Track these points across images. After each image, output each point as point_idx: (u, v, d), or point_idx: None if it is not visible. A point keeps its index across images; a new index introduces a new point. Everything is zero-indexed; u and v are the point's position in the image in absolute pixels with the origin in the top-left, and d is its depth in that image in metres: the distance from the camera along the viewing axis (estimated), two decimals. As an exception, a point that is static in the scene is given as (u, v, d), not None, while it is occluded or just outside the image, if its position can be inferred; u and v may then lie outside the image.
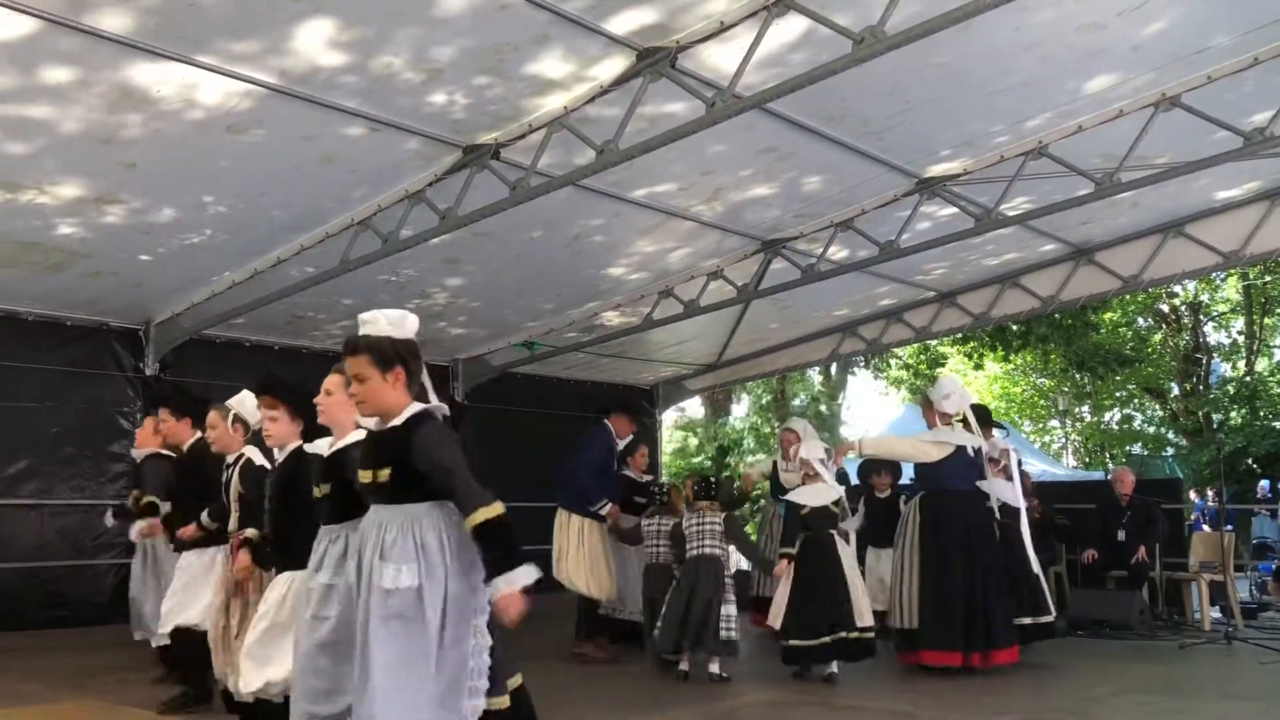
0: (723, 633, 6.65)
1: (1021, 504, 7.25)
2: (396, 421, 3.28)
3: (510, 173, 6.81)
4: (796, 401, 25.05)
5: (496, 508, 3.14)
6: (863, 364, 24.39)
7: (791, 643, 6.66)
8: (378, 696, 3.03)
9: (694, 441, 25.46)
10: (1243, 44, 6.55)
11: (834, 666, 6.66)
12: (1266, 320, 25.85)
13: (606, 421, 8.06)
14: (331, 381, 3.91)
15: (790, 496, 7.08)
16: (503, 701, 3.49)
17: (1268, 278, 23.15)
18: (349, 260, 7.85)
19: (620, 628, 7.96)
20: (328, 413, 3.92)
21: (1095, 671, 7.09)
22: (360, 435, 3.70)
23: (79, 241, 7.75)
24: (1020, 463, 8.23)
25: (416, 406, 3.31)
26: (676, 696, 6.24)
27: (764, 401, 24.81)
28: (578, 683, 6.69)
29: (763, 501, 10.39)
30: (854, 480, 9.08)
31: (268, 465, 4.89)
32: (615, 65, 6.04)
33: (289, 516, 4.23)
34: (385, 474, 3.25)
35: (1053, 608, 7.69)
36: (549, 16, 5.46)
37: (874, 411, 27.69)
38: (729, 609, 6.73)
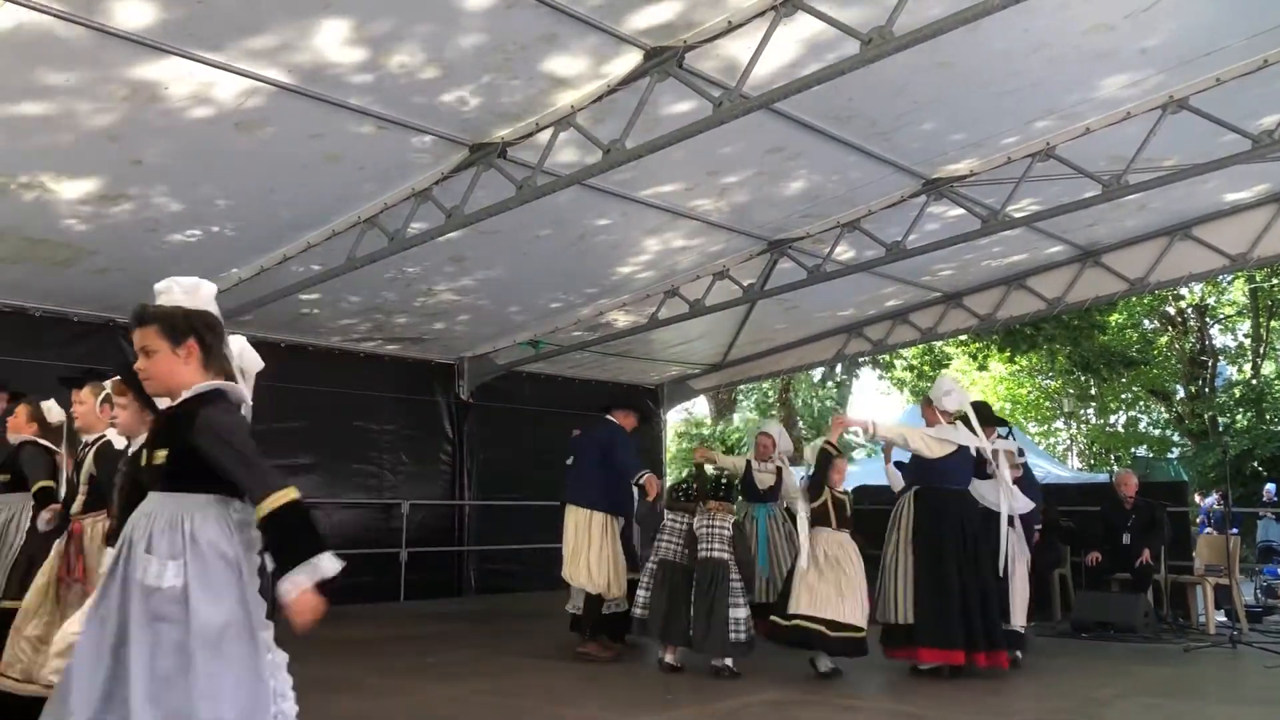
0: (732, 635, 6.71)
1: (1004, 509, 7.21)
2: (185, 396, 2.92)
3: (517, 171, 6.82)
4: (800, 404, 25.04)
5: (289, 493, 2.75)
6: (869, 364, 24.40)
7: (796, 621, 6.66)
8: (132, 711, 2.64)
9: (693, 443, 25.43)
10: (1251, 46, 6.53)
11: (829, 662, 6.72)
12: (1273, 323, 25.82)
13: (610, 418, 8.06)
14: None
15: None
16: None
17: (1275, 280, 23.12)
18: (355, 258, 7.86)
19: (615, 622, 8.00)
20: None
21: (1100, 674, 7.08)
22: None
23: (86, 238, 7.77)
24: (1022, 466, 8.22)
25: (207, 384, 2.93)
26: (681, 695, 6.25)
27: (770, 400, 24.81)
28: (582, 682, 6.70)
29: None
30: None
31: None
32: (623, 64, 6.04)
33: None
34: (162, 456, 2.89)
35: (1015, 617, 7.43)
36: (557, 15, 5.46)
37: (878, 412, 27.62)
38: (738, 611, 6.78)
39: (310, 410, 10.74)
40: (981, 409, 7.64)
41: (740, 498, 8.32)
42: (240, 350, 4.37)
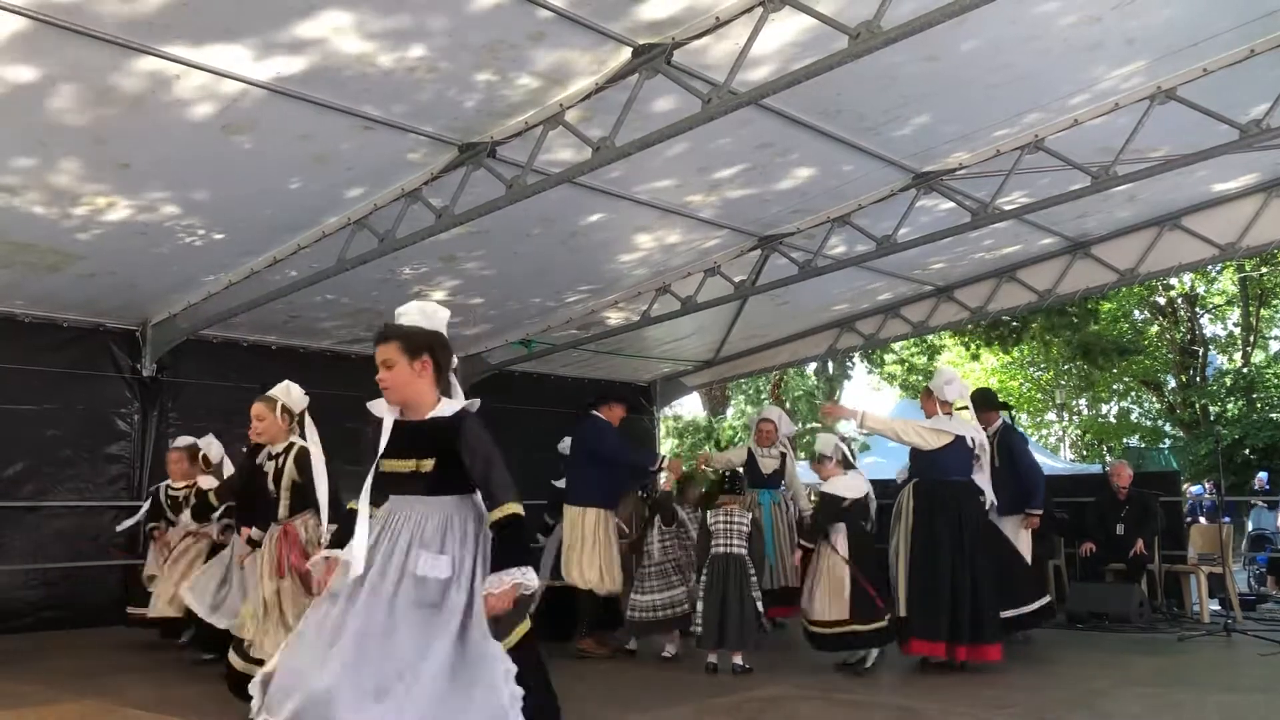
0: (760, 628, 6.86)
1: (991, 500, 7.26)
2: (441, 413, 3.39)
3: (507, 170, 6.81)
4: (797, 397, 25.05)
5: (520, 506, 3.26)
6: (860, 358, 24.44)
7: (852, 627, 6.67)
8: (406, 686, 3.02)
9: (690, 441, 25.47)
10: (1239, 36, 6.54)
11: (875, 654, 6.75)
12: (1263, 312, 25.91)
13: (595, 413, 8.02)
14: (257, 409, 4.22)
15: (829, 489, 7.02)
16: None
17: (1264, 269, 23.20)
18: (346, 260, 7.84)
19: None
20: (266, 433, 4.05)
21: (1095, 664, 7.10)
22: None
23: (75, 242, 7.73)
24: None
25: (460, 402, 3.44)
26: (680, 691, 6.25)
27: (762, 397, 24.82)
28: (581, 678, 6.69)
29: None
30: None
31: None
32: (611, 62, 6.03)
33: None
34: (429, 464, 3.33)
35: (1036, 595, 7.53)
36: (544, 13, 5.45)
37: (870, 406, 27.64)
38: (758, 604, 6.88)
39: (311, 412, 10.70)
40: (985, 396, 7.65)
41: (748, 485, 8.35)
42: (286, 389, 4.79)
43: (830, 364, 25.62)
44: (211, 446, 8.04)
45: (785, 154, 7.67)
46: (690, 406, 25.67)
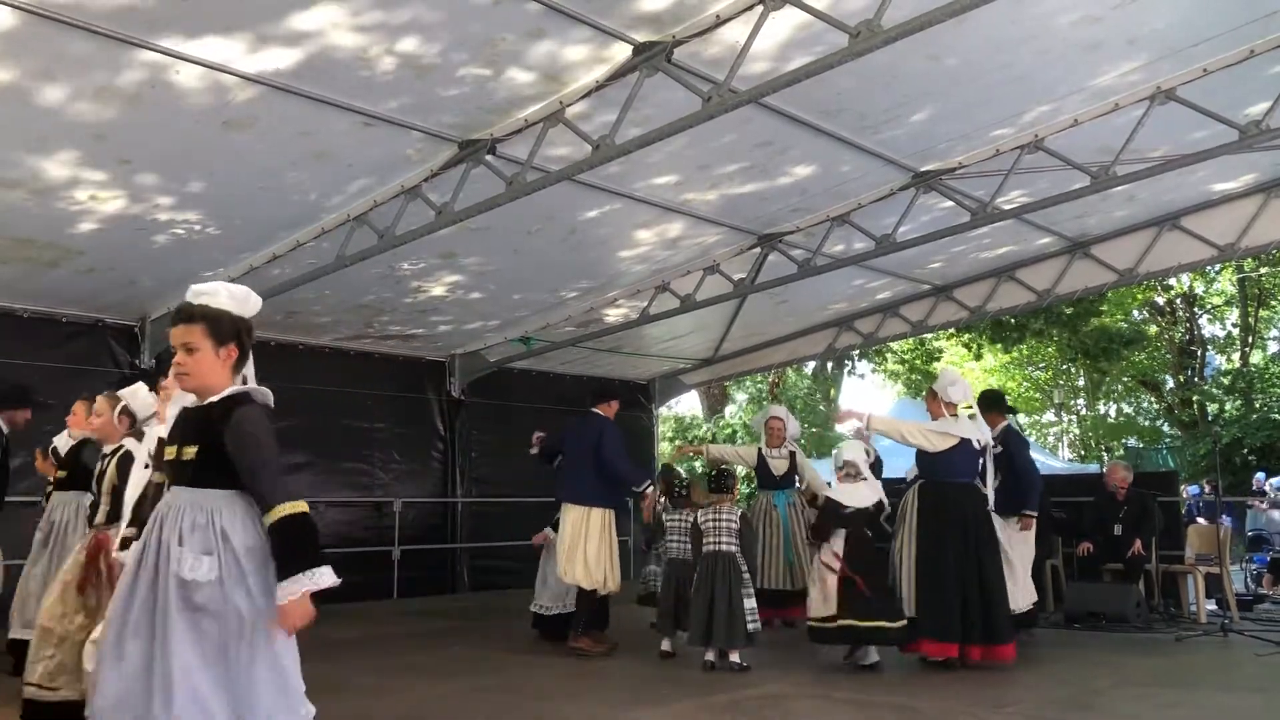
0: (750, 626, 6.79)
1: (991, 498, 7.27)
2: (213, 399, 3.03)
3: (506, 168, 6.81)
4: (794, 395, 25.04)
5: (300, 505, 2.90)
6: (858, 358, 24.43)
7: (844, 621, 6.65)
8: (176, 700, 2.75)
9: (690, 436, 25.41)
10: (1238, 37, 6.56)
11: (875, 654, 6.71)
12: (1262, 312, 25.92)
13: (596, 410, 7.99)
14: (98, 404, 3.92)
15: (832, 494, 7.03)
16: None
17: (1263, 270, 23.21)
18: (345, 256, 7.84)
19: (552, 623, 8.07)
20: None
21: (1093, 664, 7.10)
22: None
23: (74, 238, 7.73)
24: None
25: (238, 386, 3.08)
26: (677, 689, 6.24)
27: (761, 396, 24.81)
28: (576, 677, 6.69)
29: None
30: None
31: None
32: (611, 59, 6.03)
33: None
34: (191, 452, 2.99)
35: (1025, 597, 7.59)
36: (544, 10, 5.45)
37: (869, 404, 27.66)
38: (750, 602, 6.85)
39: (301, 409, 10.68)
40: (993, 397, 7.63)
41: (757, 487, 8.31)
42: (134, 391, 4.54)
43: (830, 364, 25.62)
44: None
45: (784, 152, 7.68)
46: (689, 405, 25.67)
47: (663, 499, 7.91)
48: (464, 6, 5.39)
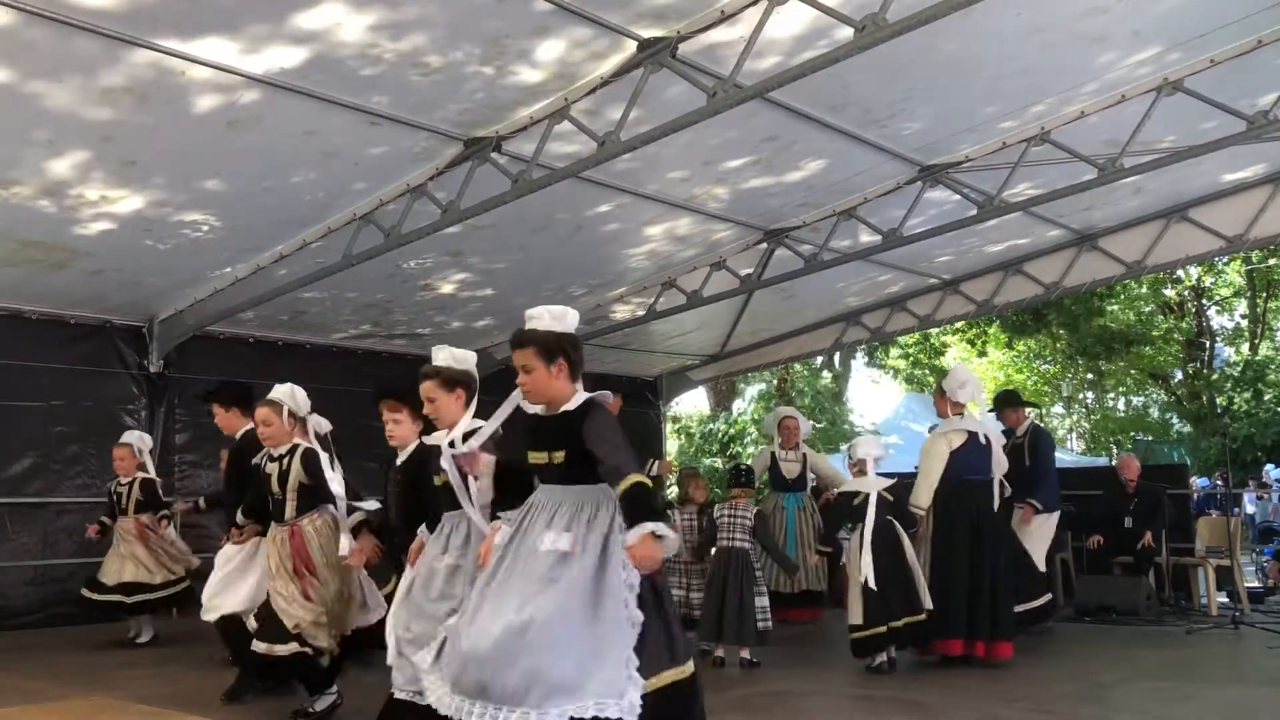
0: (760, 624, 6.79)
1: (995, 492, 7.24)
2: (569, 407, 3.53)
3: (512, 165, 6.81)
4: (803, 392, 24.98)
5: (643, 476, 3.33)
6: (863, 354, 24.38)
7: (862, 634, 6.55)
8: (539, 647, 3.17)
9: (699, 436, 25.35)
10: (1245, 27, 6.51)
11: (891, 652, 6.62)
12: (1270, 304, 25.82)
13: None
14: (427, 388, 4.34)
15: (845, 488, 7.02)
16: (684, 671, 3.54)
17: (1271, 261, 23.09)
18: (352, 255, 7.85)
19: None
20: (438, 415, 4.36)
21: (1103, 658, 7.09)
22: (466, 427, 4.26)
23: (81, 239, 7.75)
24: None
25: (586, 394, 3.57)
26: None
27: (770, 392, 24.76)
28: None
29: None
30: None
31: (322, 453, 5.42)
32: (616, 56, 6.02)
33: (419, 504, 4.54)
34: (560, 456, 3.50)
35: (1041, 589, 7.58)
36: (549, 7, 5.44)
37: (874, 401, 27.56)
38: (762, 600, 6.86)
39: (316, 406, 10.71)
40: (1009, 397, 7.63)
41: (768, 488, 8.27)
42: (291, 393, 4.77)
43: (836, 360, 25.56)
44: (144, 440, 8.37)
45: (790, 147, 7.66)
46: (696, 401, 25.61)
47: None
48: (469, 4, 5.39)
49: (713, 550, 7.23)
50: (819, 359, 24.19)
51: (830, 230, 9.18)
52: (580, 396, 3.59)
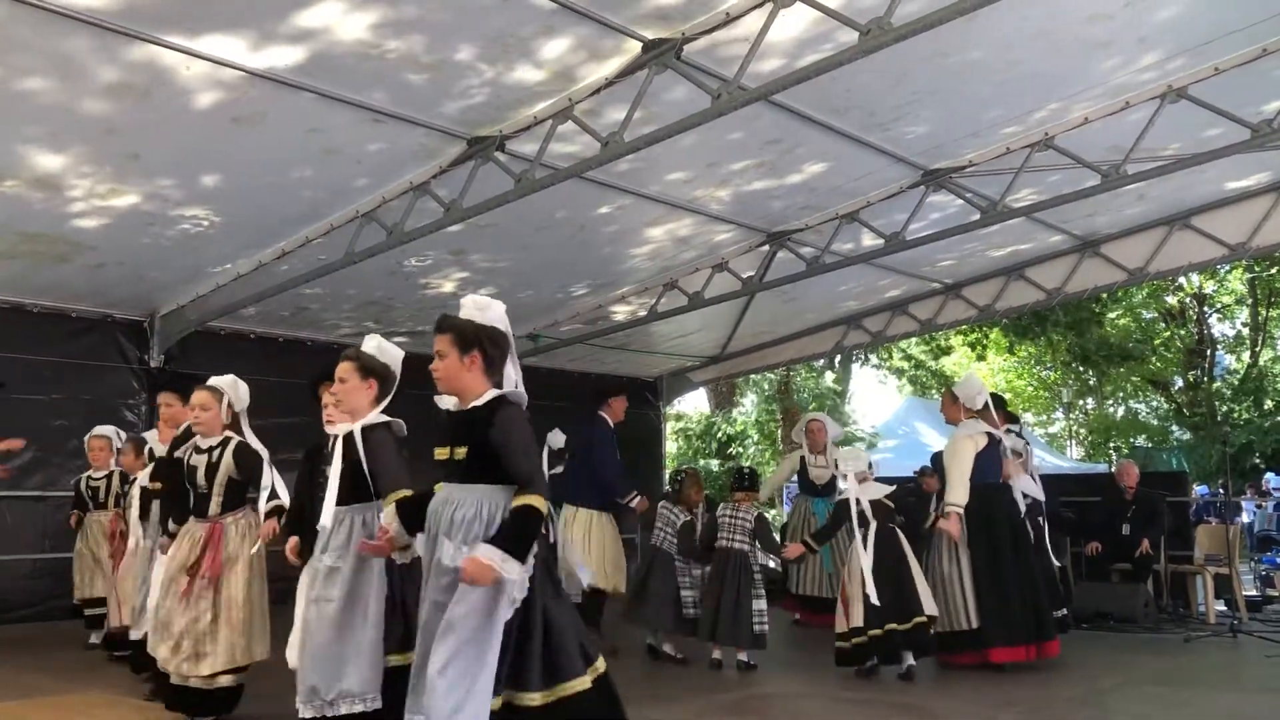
0: (755, 627, 6.76)
1: (1043, 497, 7.39)
2: (478, 403, 3.43)
3: (515, 165, 6.80)
4: (804, 395, 24.95)
5: (542, 502, 3.25)
6: (863, 358, 24.35)
7: (855, 640, 6.50)
8: (438, 689, 3.11)
9: (695, 436, 25.32)
10: (1250, 35, 6.52)
11: (910, 659, 6.49)
12: (1271, 312, 25.81)
13: (601, 413, 7.97)
14: (343, 368, 4.25)
15: (840, 496, 7.05)
16: (583, 683, 3.41)
17: (1273, 269, 23.09)
18: (354, 253, 7.84)
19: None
20: (343, 398, 4.29)
21: (1101, 664, 7.09)
22: (348, 427, 4.24)
23: (83, 233, 7.74)
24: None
25: (496, 390, 3.46)
26: (682, 688, 6.25)
27: (768, 394, 24.73)
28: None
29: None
30: None
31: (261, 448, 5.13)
32: (621, 57, 6.02)
33: (311, 496, 4.47)
34: (462, 452, 3.38)
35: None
36: (554, 7, 5.44)
37: (876, 403, 27.54)
38: (759, 603, 6.83)
39: (310, 405, 10.69)
40: (997, 402, 7.63)
41: (799, 492, 8.24)
42: (233, 383, 4.65)
43: (837, 362, 25.53)
44: (120, 434, 8.09)
45: (793, 150, 7.66)
46: (697, 402, 25.58)
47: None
48: (473, 2, 5.38)
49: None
50: (820, 361, 24.16)
51: (832, 233, 9.18)
52: (491, 393, 3.46)
